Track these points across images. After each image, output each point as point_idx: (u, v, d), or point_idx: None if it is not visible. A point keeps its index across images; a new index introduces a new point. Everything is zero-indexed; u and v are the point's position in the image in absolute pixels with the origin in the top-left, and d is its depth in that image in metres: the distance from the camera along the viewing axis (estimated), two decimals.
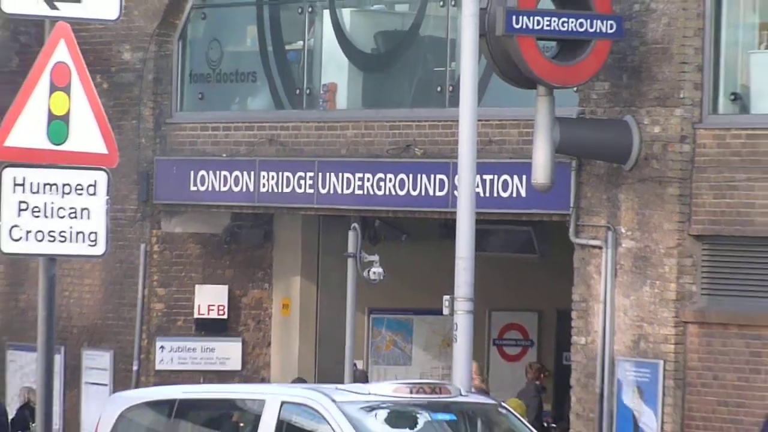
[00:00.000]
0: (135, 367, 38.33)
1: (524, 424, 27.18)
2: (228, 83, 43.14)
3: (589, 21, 32.49)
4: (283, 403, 24.83)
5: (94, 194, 14.02)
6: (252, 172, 39.61)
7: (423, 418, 24.54)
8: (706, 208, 32.60)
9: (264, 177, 39.41)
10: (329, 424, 23.09)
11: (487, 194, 33.29)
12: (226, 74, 42.86)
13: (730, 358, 31.69)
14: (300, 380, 37.64)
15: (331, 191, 38.31)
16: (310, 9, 41.53)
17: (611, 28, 32.58)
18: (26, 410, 42.95)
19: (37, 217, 13.80)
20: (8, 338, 42.63)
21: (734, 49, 33.70)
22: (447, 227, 34.42)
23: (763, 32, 34.44)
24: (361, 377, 37.72)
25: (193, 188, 39.92)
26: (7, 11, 12.86)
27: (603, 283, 33.42)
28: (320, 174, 38.43)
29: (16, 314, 40.69)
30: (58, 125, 13.81)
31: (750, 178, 31.61)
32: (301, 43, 42.02)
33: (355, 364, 36.02)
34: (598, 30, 32.56)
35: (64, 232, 13.94)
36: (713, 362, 32.03)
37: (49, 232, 13.96)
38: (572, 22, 32.46)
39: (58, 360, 37.05)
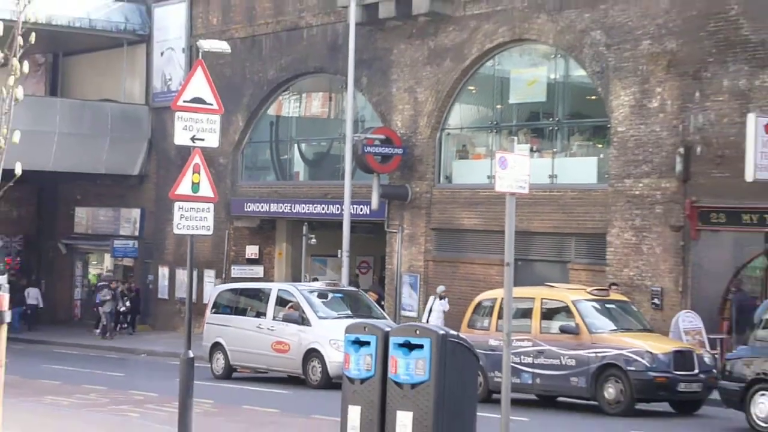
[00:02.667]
0: (223, 276, 42.48)
1: (369, 299, 33.55)
2: (260, 170, 46.72)
3: (393, 149, 39.09)
4: (279, 289, 32.37)
5: (209, 211, 24.80)
6: (269, 204, 43.41)
7: (331, 295, 31.92)
8: (437, 218, 39.44)
9: (273, 205, 43.34)
10: (294, 297, 30.63)
11: (355, 212, 38.31)
12: (260, 167, 47.16)
13: (444, 272, 38.16)
14: (315, 279, 41.07)
15: (298, 211, 42.54)
16: (295, 145, 45.41)
17: (401, 150, 38.67)
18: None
19: (187, 219, 23.42)
20: (176, 265, 44.46)
21: (447, 157, 40.03)
22: (340, 225, 37.44)
23: (460, 146, 41.46)
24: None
25: (245, 209, 43.88)
26: (177, 143, 18.74)
27: (398, 246, 39.49)
28: (294, 205, 42.69)
29: (179, 255, 42.11)
30: (196, 186, 22.98)
31: (453, 208, 38.31)
32: (287, 156, 45.69)
33: (315, 278, 42.09)
34: (393, 153, 38.67)
35: (197, 225, 22.90)
36: (432, 275, 38.37)
37: (192, 225, 22.89)
38: (388, 149, 38.86)
39: (195, 273, 36.18)
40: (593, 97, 35.23)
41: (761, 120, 28.46)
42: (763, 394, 21.09)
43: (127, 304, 47.22)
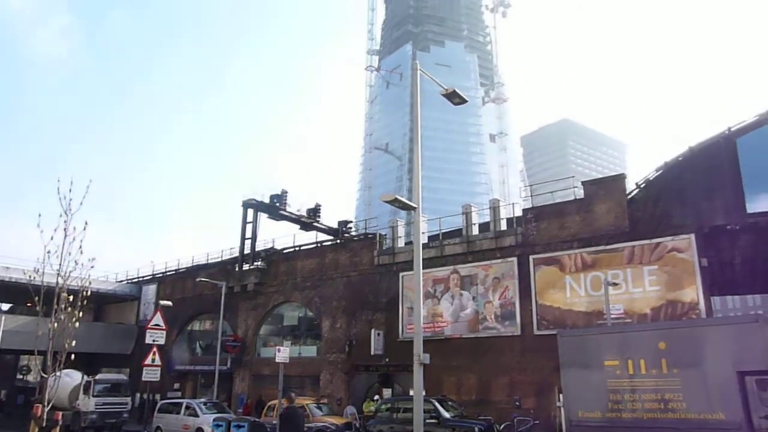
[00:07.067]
0: (165, 396, 35.02)
1: (224, 405, 29.23)
2: (183, 352, 39.93)
3: (237, 343, 34.87)
4: (186, 402, 27.37)
5: (158, 370, 23.22)
6: (185, 366, 38.46)
7: (209, 403, 26.94)
8: (254, 370, 34.46)
9: (186, 367, 38.44)
10: (193, 404, 26.23)
11: (221, 368, 31.64)
12: (183, 351, 39.76)
13: (256, 394, 33.06)
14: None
15: (197, 369, 38.04)
16: (197, 341, 40.63)
17: (240, 343, 34.89)
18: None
19: (149, 373, 24.08)
20: (143, 392, 35.75)
21: (259, 345, 35.36)
22: (213, 374, 30.71)
23: (263, 341, 35.65)
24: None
25: (174, 368, 38.48)
26: (146, 342, 18.47)
27: (238, 382, 34.88)
28: (195, 366, 37.71)
29: (145, 387, 34.16)
30: (153, 359, 23.66)
31: (261, 366, 34.28)
32: (194, 346, 40.36)
33: None
34: (237, 344, 34.98)
35: (153, 375, 23.44)
36: (251, 395, 33.34)
37: (151, 375, 23.37)
38: (235, 343, 34.90)
39: (152, 395, 33.39)
40: (316, 322, 33.77)
41: (375, 332, 29.34)
42: None
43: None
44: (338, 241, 35.28)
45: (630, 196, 23.33)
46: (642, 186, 23.22)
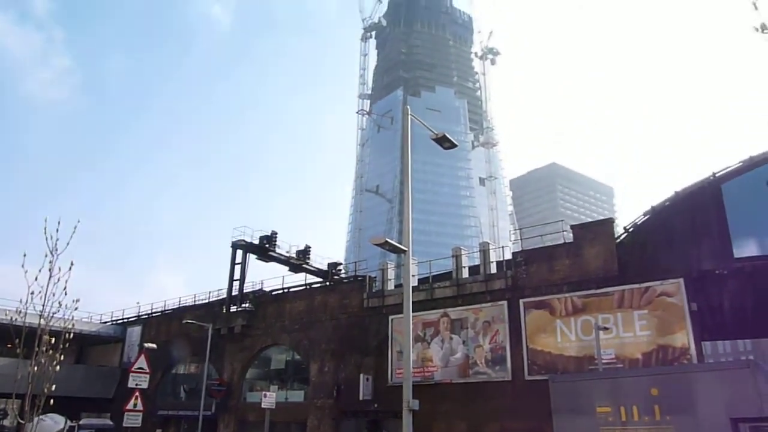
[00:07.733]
0: None
1: None
2: (167, 395, 38.72)
3: (222, 387, 34.32)
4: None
5: (140, 416, 22.20)
6: (167, 411, 37.19)
7: None
8: (239, 415, 33.50)
9: (169, 411, 37.28)
10: None
11: (204, 414, 31.72)
12: (167, 394, 38.70)
13: None
14: None
15: (180, 414, 36.73)
16: (182, 385, 39.64)
17: (225, 387, 34.27)
18: None
19: (130, 419, 21.03)
20: None
21: (245, 389, 34.34)
22: (197, 418, 31.10)
23: (250, 385, 34.74)
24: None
25: (158, 413, 36.72)
26: (129, 386, 17.46)
27: (222, 427, 34.01)
28: (179, 411, 36.51)
29: None
30: (135, 404, 22.75)
31: (247, 411, 33.13)
32: (177, 390, 39.30)
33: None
34: (222, 388, 34.18)
35: (135, 421, 22.54)
36: None
37: (132, 422, 22.73)
38: (220, 387, 34.36)
39: None
40: (303, 366, 33.08)
41: (364, 377, 28.78)
42: None
43: None
44: (327, 283, 35.12)
45: (618, 240, 23.38)
46: (630, 230, 23.30)
